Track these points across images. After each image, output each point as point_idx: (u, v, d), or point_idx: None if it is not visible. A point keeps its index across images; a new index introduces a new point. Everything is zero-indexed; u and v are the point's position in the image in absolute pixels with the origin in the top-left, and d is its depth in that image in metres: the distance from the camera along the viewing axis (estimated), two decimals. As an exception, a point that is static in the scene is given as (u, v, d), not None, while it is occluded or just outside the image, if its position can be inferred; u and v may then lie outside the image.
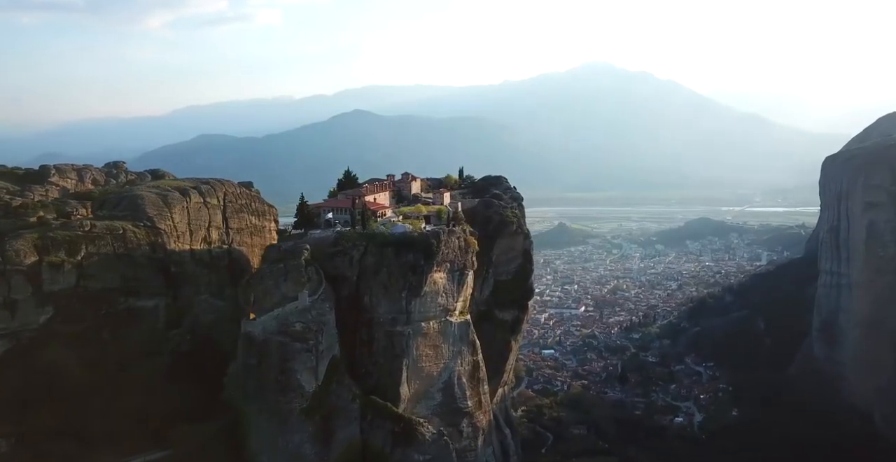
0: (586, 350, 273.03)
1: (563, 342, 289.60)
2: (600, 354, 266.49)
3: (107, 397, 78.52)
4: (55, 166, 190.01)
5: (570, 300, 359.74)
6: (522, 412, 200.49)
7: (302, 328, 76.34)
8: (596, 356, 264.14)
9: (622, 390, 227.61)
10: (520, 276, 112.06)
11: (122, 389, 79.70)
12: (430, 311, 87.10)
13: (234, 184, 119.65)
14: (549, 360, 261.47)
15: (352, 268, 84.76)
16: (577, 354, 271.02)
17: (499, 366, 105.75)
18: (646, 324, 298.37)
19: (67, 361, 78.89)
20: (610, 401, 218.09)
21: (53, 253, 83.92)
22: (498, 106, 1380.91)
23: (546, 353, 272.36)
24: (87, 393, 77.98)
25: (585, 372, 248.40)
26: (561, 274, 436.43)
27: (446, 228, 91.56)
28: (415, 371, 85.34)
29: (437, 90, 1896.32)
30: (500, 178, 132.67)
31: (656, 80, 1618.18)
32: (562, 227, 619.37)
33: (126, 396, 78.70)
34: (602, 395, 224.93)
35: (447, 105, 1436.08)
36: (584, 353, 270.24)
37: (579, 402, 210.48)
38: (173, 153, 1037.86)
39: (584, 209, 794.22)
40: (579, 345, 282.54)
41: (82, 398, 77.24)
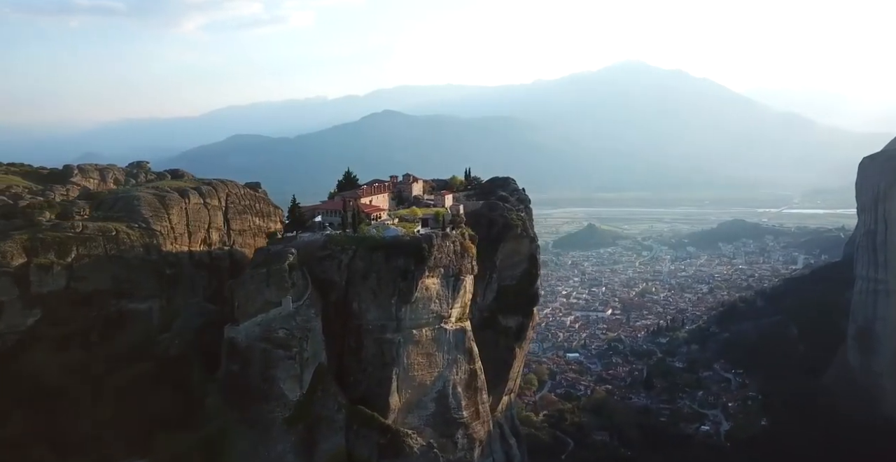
0: (612, 354, 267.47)
1: (588, 345, 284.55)
2: (626, 359, 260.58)
3: (86, 403, 76.55)
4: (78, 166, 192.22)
5: (596, 303, 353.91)
6: (544, 416, 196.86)
7: (285, 335, 73.29)
8: (621, 360, 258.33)
9: (647, 396, 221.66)
10: (525, 281, 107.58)
11: (102, 395, 77.58)
12: (422, 318, 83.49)
13: (238, 185, 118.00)
14: (573, 364, 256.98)
15: (340, 272, 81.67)
16: (602, 358, 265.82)
17: (502, 374, 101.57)
18: (674, 328, 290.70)
19: (49, 366, 77.15)
20: (634, 407, 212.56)
21: (43, 254, 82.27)
22: (529, 105, 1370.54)
23: (570, 356, 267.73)
24: (65, 398, 76.09)
25: (610, 376, 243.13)
26: (589, 276, 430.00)
27: (440, 232, 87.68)
28: (406, 380, 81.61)
29: (468, 90, 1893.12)
30: (507, 179, 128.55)
31: (691, 78, 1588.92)
32: (591, 228, 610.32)
33: (106, 402, 76.47)
34: (626, 400, 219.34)
35: (478, 105, 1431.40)
36: (609, 357, 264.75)
37: (602, 407, 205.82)
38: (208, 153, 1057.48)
39: (614, 210, 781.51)
40: (605, 348, 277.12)
41: (60, 404, 75.32)
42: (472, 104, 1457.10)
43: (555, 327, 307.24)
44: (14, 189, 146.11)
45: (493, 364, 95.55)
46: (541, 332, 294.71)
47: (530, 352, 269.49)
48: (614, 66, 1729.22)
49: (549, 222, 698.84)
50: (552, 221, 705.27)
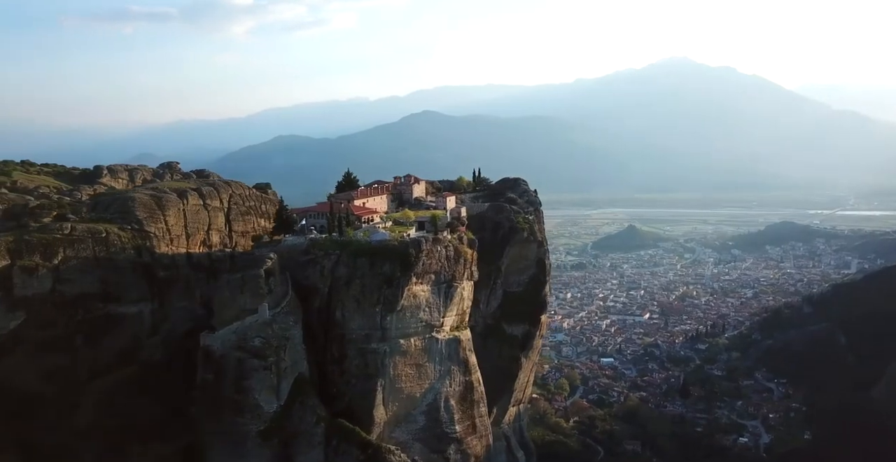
0: (647, 360, 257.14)
1: (624, 350, 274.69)
2: (662, 365, 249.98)
3: (63, 410, 74.01)
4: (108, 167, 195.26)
5: (634, 306, 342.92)
6: (574, 423, 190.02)
7: (261, 344, 69.37)
8: (657, 367, 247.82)
9: (683, 405, 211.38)
10: (532, 287, 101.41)
11: (82, 402, 75.10)
12: (409, 327, 78.59)
13: (244, 186, 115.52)
14: (606, 369, 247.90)
15: (323, 279, 77.54)
16: (638, 364, 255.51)
17: (506, 385, 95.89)
18: (714, 334, 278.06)
19: (29, 370, 74.83)
20: (669, 415, 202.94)
21: (27, 256, 79.80)
22: (569, 105, 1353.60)
23: (604, 361, 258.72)
24: (42, 405, 73.61)
25: (645, 383, 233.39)
26: (627, 279, 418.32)
27: (430, 236, 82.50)
28: (392, 392, 76.96)
29: (508, 90, 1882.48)
30: (517, 180, 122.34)
31: (740, 75, 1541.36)
32: (632, 229, 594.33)
33: (85, 410, 73.95)
34: (661, 408, 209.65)
35: (517, 104, 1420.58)
36: (644, 362, 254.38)
37: (635, 415, 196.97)
38: (253, 154, 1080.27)
39: (656, 211, 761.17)
40: (640, 354, 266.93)
41: (36, 410, 72.86)
42: (511, 104, 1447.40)
43: (589, 331, 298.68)
44: (42, 189, 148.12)
45: (498, 374, 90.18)
46: (575, 335, 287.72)
47: (563, 355, 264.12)
48: (659, 64, 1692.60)
49: (589, 223, 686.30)
50: (592, 222, 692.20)
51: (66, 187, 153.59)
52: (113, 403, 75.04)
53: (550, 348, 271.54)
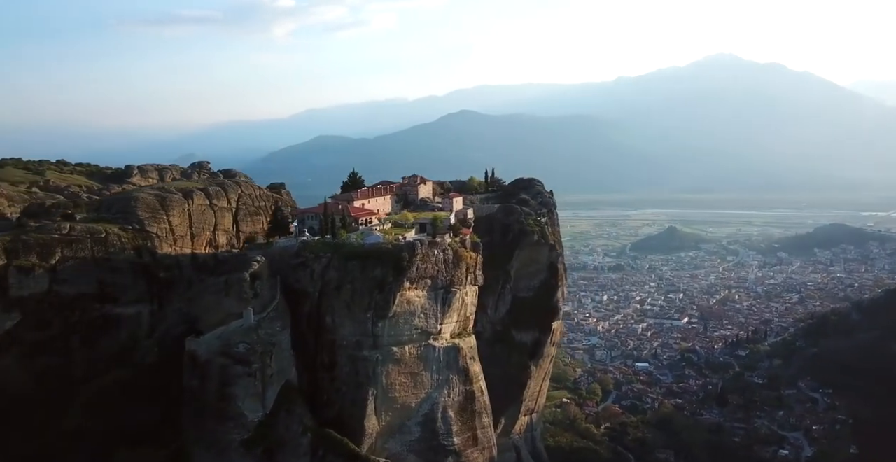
0: (684, 366, 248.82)
1: (660, 355, 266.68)
2: (700, 371, 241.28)
3: (50, 413, 72.28)
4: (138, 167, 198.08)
5: (672, 310, 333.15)
6: (605, 429, 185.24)
7: (246, 350, 66.58)
8: (694, 373, 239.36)
9: (720, 413, 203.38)
10: (543, 292, 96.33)
11: (73, 405, 73.40)
12: (403, 334, 74.65)
13: (255, 185, 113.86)
14: (641, 375, 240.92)
15: (314, 282, 74.35)
16: (674, 370, 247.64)
17: (515, 394, 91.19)
18: (755, 340, 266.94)
19: (19, 372, 73.61)
20: (705, 424, 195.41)
21: (24, 256, 78.74)
22: (610, 103, 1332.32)
23: (639, 366, 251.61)
24: (30, 408, 72.01)
25: (681, 390, 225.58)
26: (666, 281, 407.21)
27: (427, 239, 78.55)
28: (385, 401, 73.15)
29: (547, 88, 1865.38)
30: (532, 180, 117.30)
31: (789, 72, 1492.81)
32: (672, 230, 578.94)
33: (75, 413, 72.32)
34: (697, 416, 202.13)
35: (556, 103, 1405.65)
36: (681, 368, 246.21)
37: (670, 422, 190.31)
38: (294, 154, 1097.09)
39: (698, 212, 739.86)
40: (677, 359, 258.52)
41: (23, 413, 71.36)
42: (551, 103, 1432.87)
43: (625, 335, 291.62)
44: (73, 188, 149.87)
45: (506, 382, 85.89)
46: (609, 339, 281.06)
47: (596, 359, 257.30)
48: (704, 61, 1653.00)
49: (628, 224, 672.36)
50: (631, 223, 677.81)
51: (97, 186, 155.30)
52: (103, 407, 73.21)
53: (584, 352, 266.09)
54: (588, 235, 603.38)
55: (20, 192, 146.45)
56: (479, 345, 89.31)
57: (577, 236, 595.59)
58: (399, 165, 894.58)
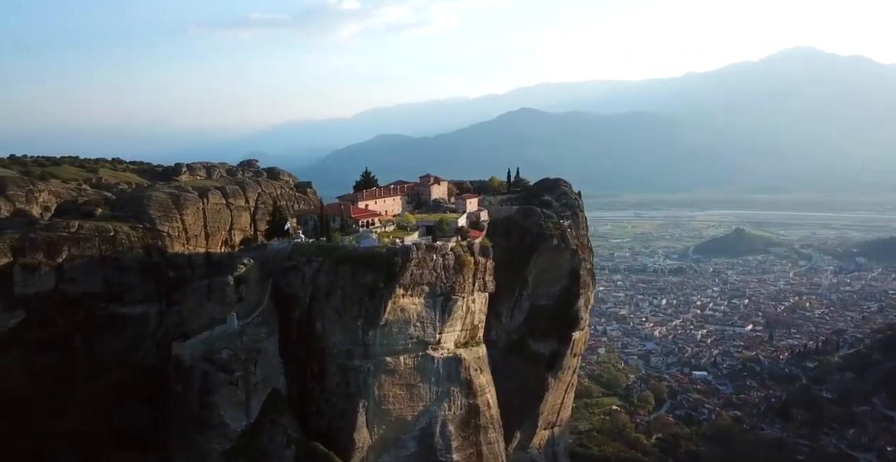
0: (746, 376, 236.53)
1: (719, 364, 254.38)
2: (762, 383, 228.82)
3: (47, 414, 71.17)
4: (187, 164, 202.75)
5: (736, 316, 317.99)
6: (656, 440, 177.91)
7: (228, 356, 63.55)
8: (756, 384, 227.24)
9: (783, 428, 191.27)
10: (564, 300, 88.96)
11: (67, 405, 72.28)
12: (396, 343, 69.93)
13: (276, 185, 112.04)
14: (698, 383, 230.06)
15: (304, 287, 70.75)
16: (734, 380, 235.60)
17: (531, 407, 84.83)
18: (826, 351, 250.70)
19: (19, 371, 72.99)
20: (765, 439, 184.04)
21: (31, 254, 78.82)
22: (677, 100, 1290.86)
23: (697, 374, 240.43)
24: (26, 407, 71.18)
25: (740, 401, 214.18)
26: (731, 286, 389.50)
27: (424, 243, 73.88)
28: (378, 414, 68.71)
29: (611, 85, 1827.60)
30: (557, 181, 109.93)
31: (874, 64, 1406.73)
32: (739, 232, 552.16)
33: (71, 414, 71.23)
34: (757, 431, 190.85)
35: (620, 100, 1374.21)
36: (742, 378, 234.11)
37: (726, 436, 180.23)
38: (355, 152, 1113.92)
39: (769, 213, 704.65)
40: (738, 369, 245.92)
41: (19, 413, 70.49)
42: (614, 100, 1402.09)
43: (683, 341, 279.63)
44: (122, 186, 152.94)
45: (521, 395, 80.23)
46: (666, 345, 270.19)
47: (651, 365, 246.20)
48: (780, 55, 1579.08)
49: (692, 225, 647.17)
50: (695, 224, 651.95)
51: (147, 183, 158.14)
52: (99, 409, 72.08)
53: (638, 357, 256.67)
54: (649, 237, 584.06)
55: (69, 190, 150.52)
56: (493, 354, 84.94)
57: (637, 237, 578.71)
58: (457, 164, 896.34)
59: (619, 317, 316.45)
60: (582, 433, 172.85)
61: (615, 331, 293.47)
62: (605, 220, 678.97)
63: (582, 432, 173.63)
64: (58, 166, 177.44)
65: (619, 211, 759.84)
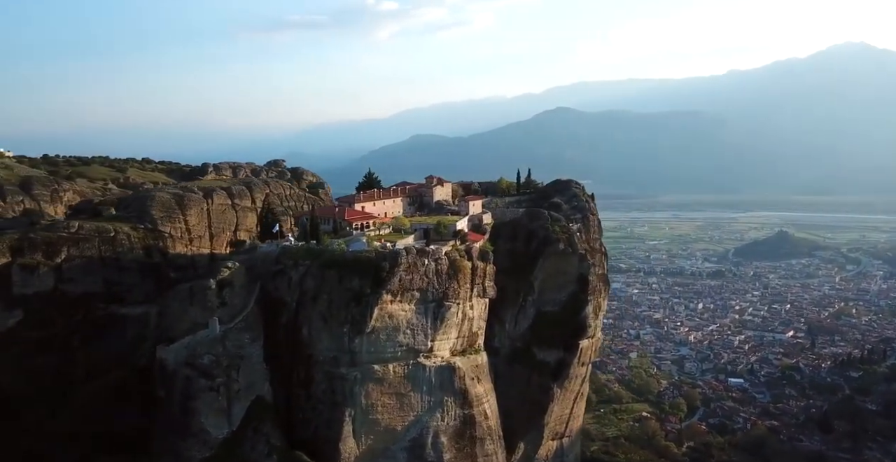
0: (785, 384, 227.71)
1: (757, 371, 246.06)
2: (802, 392, 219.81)
3: (42, 414, 70.41)
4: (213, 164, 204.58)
5: (776, 322, 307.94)
6: (687, 449, 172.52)
7: (210, 362, 61.71)
8: (796, 393, 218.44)
9: (823, 441, 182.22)
10: (571, 307, 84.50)
11: (63, 406, 71.39)
12: (385, 351, 67.06)
13: (285, 185, 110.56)
14: (733, 391, 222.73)
15: (291, 291, 68.66)
16: (772, 388, 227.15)
17: (535, 417, 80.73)
18: (872, 360, 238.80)
19: (16, 371, 72.16)
20: (803, 451, 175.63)
21: (29, 255, 78.36)
22: (719, 98, 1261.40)
23: (732, 382, 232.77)
24: (26, 408, 70.54)
25: (778, 411, 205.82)
26: (772, 290, 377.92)
27: (415, 247, 71.06)
28: (366, 423, 65.89)
29: (649, 84, 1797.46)
30: (569, 182, 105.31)
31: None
32: (782, 235, 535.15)
33: (66, 415, 70.21)
34: (795, 442, 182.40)
35: (659, 99, 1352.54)
36: (780, 387, 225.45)
37: (762, 446, 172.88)
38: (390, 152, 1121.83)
39: (814, 215, 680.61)
40: (777, 377, 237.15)
41: (15, 413, 69.75)
42: (652, 99, 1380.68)
43: (719, 346, 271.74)
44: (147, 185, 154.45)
45: (525, 404, 76.49)
46: (701, 350, 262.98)
47: (684, 371, 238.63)
48: (828, 51, 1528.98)
49: (734, 227, 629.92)
50: (737, 226, 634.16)
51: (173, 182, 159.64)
52: (94, 410, 71.03)
53: (671, 362, 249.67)
54: (687, 238, 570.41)
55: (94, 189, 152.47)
56: (495, 362, 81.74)
57: (675, 239, 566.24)
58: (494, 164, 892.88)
59: (653, 320, 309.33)
60: (609, 440, 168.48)
61: (648, 335, 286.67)
62: (642, 221, 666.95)
63: (609, 439, 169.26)
64: (88, 166, 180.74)
65: (656, 212, 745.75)
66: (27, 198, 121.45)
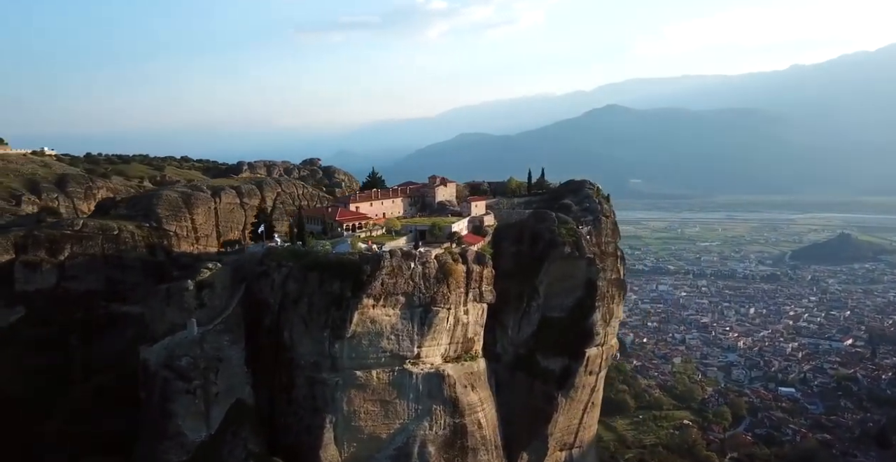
0: (840, 395, 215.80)
1: (810, 381, 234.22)
2: (859, 404, 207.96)
3: (36, 413, 70.48)
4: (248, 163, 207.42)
5: (834, 329, 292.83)
6: (730, 460, 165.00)
7: (187, 364, 60.21)
8: (852, 405, 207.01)
9: (879, 457, 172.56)
10: (577, 313, 79.60)
11: (56, 406, 71.56)
12: (367, 357, 64.33)
13: (298, 184, 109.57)
14: (784, 401, 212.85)
15: (274, 293, 66.83)
16: (826, 399, 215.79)
17: (538, 427, 76.42)
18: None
19: (13, 370, 72.61)
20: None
21: (33, 252, 79.61)
22: (780, 95, 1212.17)
23: (783, 391, 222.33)
24: (16, 408, 70.60)
25: (831, 423, 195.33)
26: (830, 296, 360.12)
27: (401, 250, 68.05)
28: (348, 431, 63.37)
29: (705, 80, 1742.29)
30: (582, 182, 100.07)
31: None
32: (844, 237, 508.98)
33: (57, 414, 70.36)
34: (848, 457, 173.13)
35: (715, 96, 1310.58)
36: (835, 398, 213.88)
37: (812, 460, 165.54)
38: (437, 151, 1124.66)
39: (882, 218, 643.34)
40: (832, 387, 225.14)
41: (8, 414, 69.85)
42: (709, 96, 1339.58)
43: (770, 353, 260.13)
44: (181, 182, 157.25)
45: (528, 414, 72.66)
46: (750, 357, 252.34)
47: (731, 378, 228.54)
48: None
49: (791, 229, 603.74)
50: (795, 228, 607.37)
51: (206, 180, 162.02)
52: (87, 410, 70.95)
53: (718, 369, 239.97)
54: (741, 240, 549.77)
55: (128, 187, 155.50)
56: (497, 369, 78.36)
57: (728, 241, 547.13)
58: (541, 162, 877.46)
59: (701, 325, 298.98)
60: (646, 447, 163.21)
61: (695, 340, 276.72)
62: (694, 222, 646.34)
63: (646, 446, 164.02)
64: (127, 164, 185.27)
65: (709, 212, 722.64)
66: (62, 195, 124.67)
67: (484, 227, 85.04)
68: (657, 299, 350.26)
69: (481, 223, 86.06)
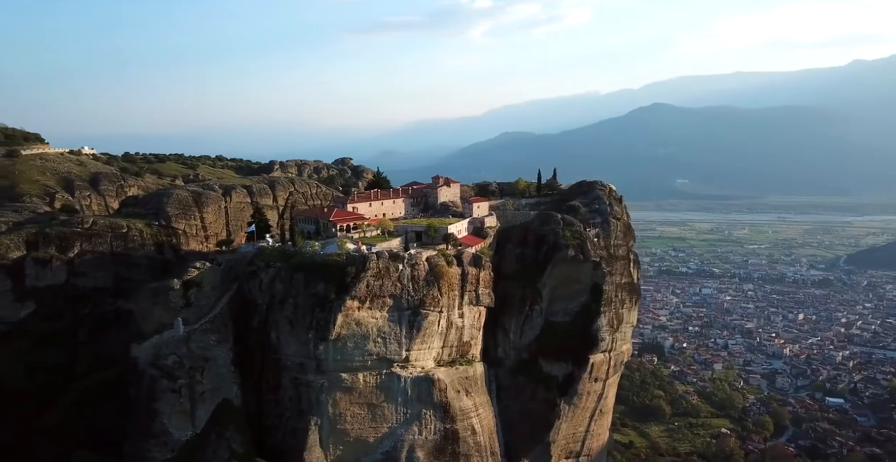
0: (893, 407, 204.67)
1: (861, 392, 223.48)
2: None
3: (35, 407, 71.08)
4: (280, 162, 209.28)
5: (889, 338, 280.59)
6: None
7: (174, 363, 59.43)
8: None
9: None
10: (582, 318, 76.01)
11: (56, 400, 71.87)
12: (353, 359, 62.40)
13: (311, 184, 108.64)
14: (831, 411, 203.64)
15: (263, 293, 65.71)
16: (878, 411, 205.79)
17: (539, 434, 73.08)
18: None
19: (18, 364, 73.43)
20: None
21: (43, 249, 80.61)
22: (838, 92, 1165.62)
23: (831, 401, 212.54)
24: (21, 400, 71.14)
25: (882, 437, 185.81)
26: (888, 303, 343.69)
27: (388, 252, 65.84)
28: (334, 433, 61.70)
29: (758, 77, 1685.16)
30: (593, 183, 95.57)
31: None
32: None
33: (56, 409, 70.81)
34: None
35: (768, 94, 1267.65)
36: (888, 410, 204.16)
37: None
38: (479, 150, 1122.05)
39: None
40: (884, 399, 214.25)
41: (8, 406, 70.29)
42: (762, 93, 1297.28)
43: (818, 362, 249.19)
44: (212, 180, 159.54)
45: (529, 419, 69.65)
46: (797, 365, 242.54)
47: (775, 387, 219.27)
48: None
49: (847, 232, 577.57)
50: (851, 231, 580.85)
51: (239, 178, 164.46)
52: (85, 405, 71.32)
53: (761, 377, 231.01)
54: (792, 243, 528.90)
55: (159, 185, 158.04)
56: (498, 373, 75.90)
57: (778, 244, 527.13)
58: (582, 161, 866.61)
59: (745, 330, 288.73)
60: (680, 455, 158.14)
61: (738, 345, 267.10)
62: (742, 224, 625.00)
63: (680, 454, 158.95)
64: (163, 163, 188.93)
65: (760, 214, 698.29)
66: (94, 192, 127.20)
67: (485, 229, 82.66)
68: (700, 303, 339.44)
69: (482, 224, 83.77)
